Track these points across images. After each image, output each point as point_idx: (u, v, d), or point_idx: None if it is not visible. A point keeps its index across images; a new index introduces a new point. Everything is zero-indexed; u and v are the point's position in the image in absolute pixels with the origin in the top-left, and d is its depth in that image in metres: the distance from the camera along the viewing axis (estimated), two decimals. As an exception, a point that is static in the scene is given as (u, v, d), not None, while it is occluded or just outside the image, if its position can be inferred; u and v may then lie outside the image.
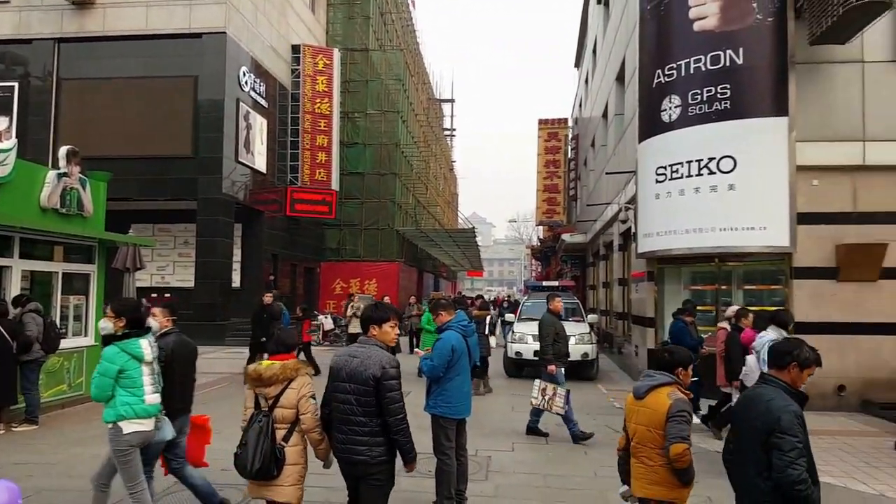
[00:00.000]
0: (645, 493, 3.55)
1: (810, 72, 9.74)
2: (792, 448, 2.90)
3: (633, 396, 3.69)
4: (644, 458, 3.55)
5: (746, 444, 3.09)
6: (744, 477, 3.11)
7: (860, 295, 9.54)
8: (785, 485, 2.89)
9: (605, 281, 19.64)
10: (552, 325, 8.15)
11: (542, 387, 7.78)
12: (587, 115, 25.02)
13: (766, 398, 3.07)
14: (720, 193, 9.93)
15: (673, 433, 3.38)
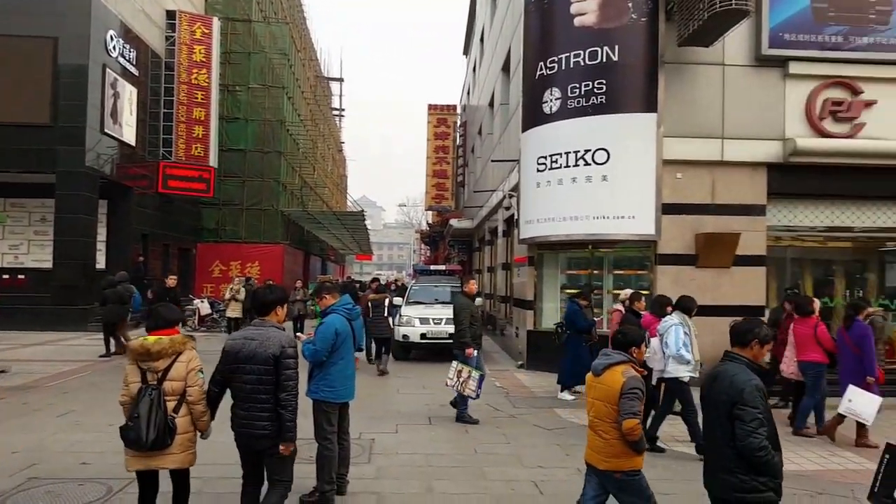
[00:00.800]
0: (605, 465, 3.83)
1: (678, 71, 10.48)
2: (753, 419, 3.17)
3: (592, 374, 3.99)
4: (601, 433, 3.85)
5: (714, 416, 3.37)
6: (713, 445, 3.39)
7: (716, 280, 10.43)
8: (747, 452, 3.16)
9: (489, 265, 20.18)
10: (468, 308, 8.16)
11: (458, 369, 7.83)
12: (475, 103, 25.44)
13: (731, 374, 3.34)
14: (595, 184, 10.48)
15: (625, 409, 3.68)
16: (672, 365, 6.65)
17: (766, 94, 10.44)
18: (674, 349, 6.59)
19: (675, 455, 6.66)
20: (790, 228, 10.90)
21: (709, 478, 3.47)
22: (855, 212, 10.86)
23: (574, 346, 9.30)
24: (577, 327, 9.32)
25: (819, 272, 11.77)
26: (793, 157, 10.24)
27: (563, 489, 5.44)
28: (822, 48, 10.20)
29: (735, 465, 3.25)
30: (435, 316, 13.04)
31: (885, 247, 11.37)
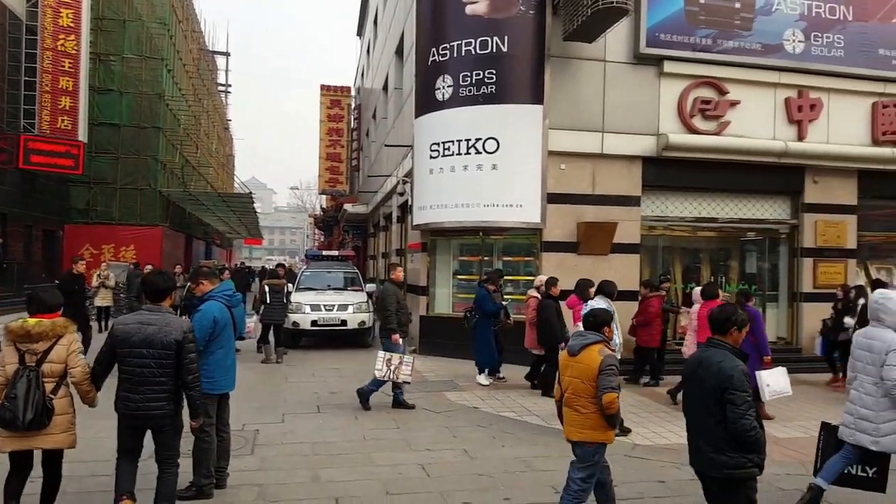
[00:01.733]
0: (579, 437, 4.13)
1: (562, 65, 10.87)
2: (743, 402, 3.39)
3: (567, 353, 4.22)
4: (578, 407, 4.12)
5: (701, 400, 3.57)
6: (704, 425, 3.56)
7: (596, 266, 10.95)
8: (738, 433, 3.39)
9: (384, 251, 20.11)
10: (394, 295, 8.08)
11: (386, 357, 7.71)
12: (369, 86, 25.12)
13: (717, 360, 3.53)
14: (485, 172, 10.70)
15: (604, 384, 3.97)
16: None
17: (642, 91, 11.08)
18: None
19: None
20: (662, 218, 11.68)
21: (697, 457, 3.65)
22: (720, 204, 11.81)
23: (483, 330, 9.42)
24: (485, 311, 9.44)
25: (688, 259, 12.72)
26: (665, 152, 10.96)
27: (449, 471, 5.56)
28: (694, 49, 10.96)
29: (725, 445, 3.45)
30: (327, 302, 12.81)
31: (745, 236, 12.48)
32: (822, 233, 11.67)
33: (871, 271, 12.56)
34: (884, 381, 4.53)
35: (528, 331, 9.18)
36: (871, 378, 4.66)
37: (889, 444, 4.57)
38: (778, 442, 6.83)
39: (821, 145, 11.40)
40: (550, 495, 5.03)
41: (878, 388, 4.61)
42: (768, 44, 11.17)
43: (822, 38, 11.34)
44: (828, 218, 11.73)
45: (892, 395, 4.51)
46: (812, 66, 11.30)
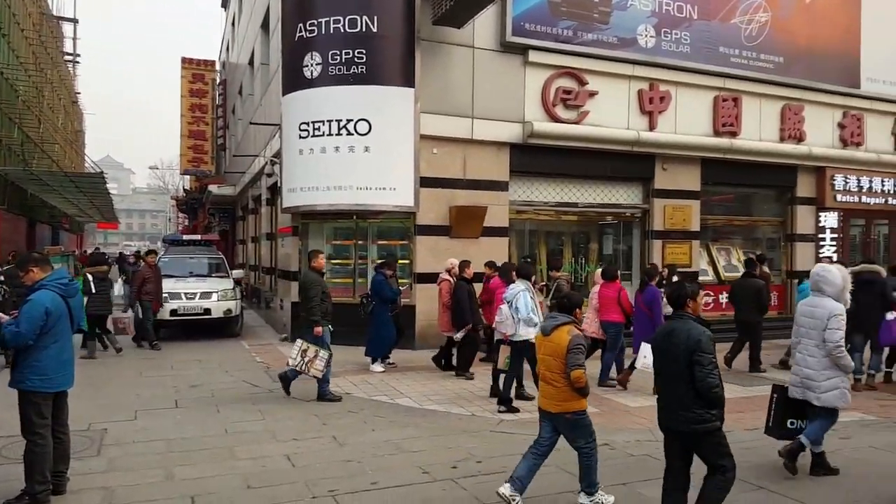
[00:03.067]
0: (557, 409, 4.50)
1: (433, 49, 10.90)
2: (709, 363, 3.86)
3: (541, 334, 4.65)
4: (552, 382, 4.50)
5: (673, 365, 3.98)
6: (674, 389, 3.99)
7: (467, 249, 11.14)
8: (704, 390, 3.85)
9: (253, 235, 19.29)
10: (318, 284, 7.71)
11: (303, 348, 7.38)
12: (235, 61, 23.84)
13: (686, 328, 3.98)
14: (357, 154, 10.51)
15: (572, 362, 4.34)
16: (522, 328, 7.14)
17: (509, 79, 11.40)
18: (524, 313, 7.10)
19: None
20: (529, 203, 12.15)
21: (667, 415, 4.08)
22: (581, 189, 12.47)
23: (380, 316, 9.28)
24: (383, 297, 9.30)
25: (552, 242, 13.36)
26: (531, 139, 11.36)
27: (316, 459, 5.44)
28: (556, 40, 11.42)
29: (692, 403, 3.91)
30: (188, 290, 12.07)
31: (604, 220, 13.30)
32: (669, 216, 12.70)
33: (713, 251, 13.88)
34: (826, 342, 5.16)
35: (441, 314, 9.24)
36: (813, 342, 5.29)
37: (829, 399, 5.19)
38: (630, 411, 7.37)
39: (669, 135, 12.36)
40: (418, 475, 5.09)
41: (819, 350, 5.23)
42: (624, 38, 11.89)
43: (671, 34, 12.25)
44: (675, 203, 12.78)
45: (834, 355, 5.14)
46: (662, 60, 12.18)
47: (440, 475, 5.10)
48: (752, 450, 5.72)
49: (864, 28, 14.13)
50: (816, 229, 14.09)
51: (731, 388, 7.93)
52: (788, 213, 14.15)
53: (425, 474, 5.13)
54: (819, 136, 13.79)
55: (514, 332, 7.24)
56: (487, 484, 4.92)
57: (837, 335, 5.13)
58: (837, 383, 5.20)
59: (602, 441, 6.16)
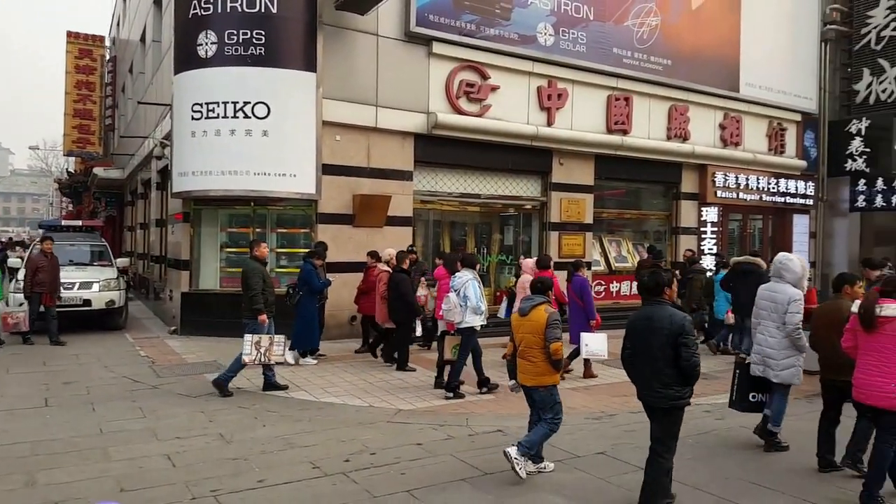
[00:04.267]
0: (533, 382, 5.01)
1: (336, 34, 10.66)
2: (693, 344, 4.28)
3: (518, 314, 5.12)
4: (530, 358, 4.98)
5: (654, 347, 4.30)
6: (655, 367, 4.31)
7: (371, 238, 11.05)
8: (689, 368, 4.22)
9: (142, 222, 18.18)
10: (259, 273, 7.47)
11: (254, 340, 7.06)
12: (126, 37, 22.31)
13: (667, 313, 4.32)
14: (255, 138, 10.13)
15: (551, 336, 4.85)
16: (469, 316, 7.28)
17: (413, 69, 11.35)
18: (474, 301, 7.27)
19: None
20: (433, 193, 12.19)
21: (646, 392, 4.43)
22: (483, 181, 12.64)
23: (307, 307, 8.97)
24: (312, 288, 8.99)
25: (456, 232, 13.49)
26: (435, 130, 11.39)
27: (200, 458, 5.21)
28: (460, 33, 11.47)
29: (672, 381, 4.28)
30: (66, 280, 11.17)
31: (506, 212, 13.57)
32: (565, 209, 13.16)
33: (605, 243, 14.52)
34: (786, 325, 5.64)
35: (378, 305, 9.10)
36: (773, 324, 5.79)
37: (786, 376, 5.71)
38: (524, 397, 7.58)
39: (566, 131, 12.77)
40: (308, 471, 4.99)
41: (779, 331, 5.72)
42: (524, 34, 12.13)
43: (568, 33, 12.62)
44: (570, 196, 13.24)
45: (793, 337, 5.62)
46: (560, 58, 12.53)
47: (331, 469, 5.03)
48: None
49: (744, 36, 15.19)
50: (699, 223, 15.08)
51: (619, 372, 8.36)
52: (674, 207, 15.04)
53: (316, 469, 5.04)
54: (702, 136, 14.72)
55: (461, 320, 7.34)
56: (379, 476, 4.91)
57: (796, 318, 5.63)
58: (794, 362, 5.73)
59: (496, 427, 6.34)
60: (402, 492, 4.63)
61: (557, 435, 5.38)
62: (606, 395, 7.86)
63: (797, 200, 16.54)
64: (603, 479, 5.01)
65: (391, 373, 8.58)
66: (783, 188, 16.14)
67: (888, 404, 4.52)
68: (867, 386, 4.61)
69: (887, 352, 4.52)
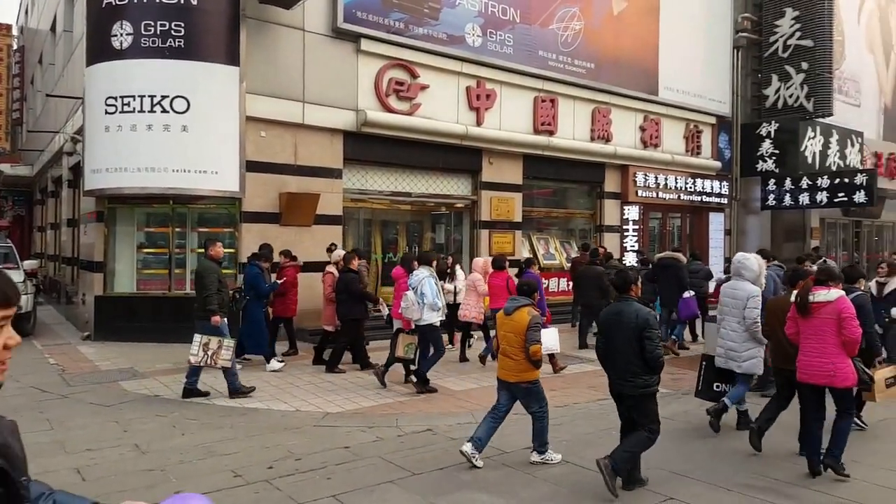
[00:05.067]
0: (515, 378, 5.22)
1: (261, 28, 10.38)
2: (656, 337, 4.66)
3: (503, 314, 5.30)
4: (512, 356, 5.19)
5: (623, 340, 4.69)
6: (624, 359, 4.70)
7: (299, 237, 10.84)
8: (653, 359, 4.61)
9: (53, 221, 17.15)
10: (214, 273, 7.28)
11: (203, 341, 6.78)
12: (35, 26, 20.97)
13: (635, 308, 4.73)
14: (174, 134, 9.73)
15: (531, 338, 5.05)
16: (427, 313, 7.42)
17: (342, 66, 11.20)
18: (431, 298, 7.40)
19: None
20: (363, 191, 12.08)
21: (619, 382, 4.79)
22: (414, 179, 12.64)
23: (255, 312, 8.63)
24: (259, 292, 8.65)
25: (387, 231, 13.43)
26: (364, 127, 11.28)
27: (112, 471, 4.95)
28: (389, 31, 11.41)
29: (641, 371, 4.65)
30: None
31: (437, 210, 13.61)
32: (495, 208, 13.33)
33: (534, 241, 14.80)
34: (746, 319, 6.05)
35: (325, 307, 8.99)
36: (735, 319, 6.20)
37: (748, 366, 6.18)
38: (454, 395, 7.62)
39: (495, 131, 12.94)
40: (228, 479, 4.83)
41: (740, 326, 6.15)
42: (453, 35, 12.20)
43: (496, 35, 12.79)
44: (500, 195, 13.43)
45: (752, 330, 6.04)
46: (488, 59, 12.68)
47: (254, 477, 4.88)
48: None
49: (662, 42, 15.83)
50: (621, 221, 15.61)
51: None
52: (598, 206, 15.51)
53: (238, 478, 4.88)
54: (624, 138, 15.25)
55: (419, 317, 7.44)
56: (304, 482, 4.81)
57: (755, 313, 6.03)
58: (755, 353, 6.15)
59: (424, 427, 6.33)
60: (327, 497, 4.55)
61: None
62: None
63: (713, 199, 17.39)
64: (529, 474, 5.10)
65: (324, 376, 8.43)
66: (699, 188, 16.93)
67: (829, 382, 4.95)
68: (808, 367, 5.05)
69: (824, 335, 4.93)
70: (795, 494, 4.79)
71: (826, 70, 17.21)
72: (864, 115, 21.29)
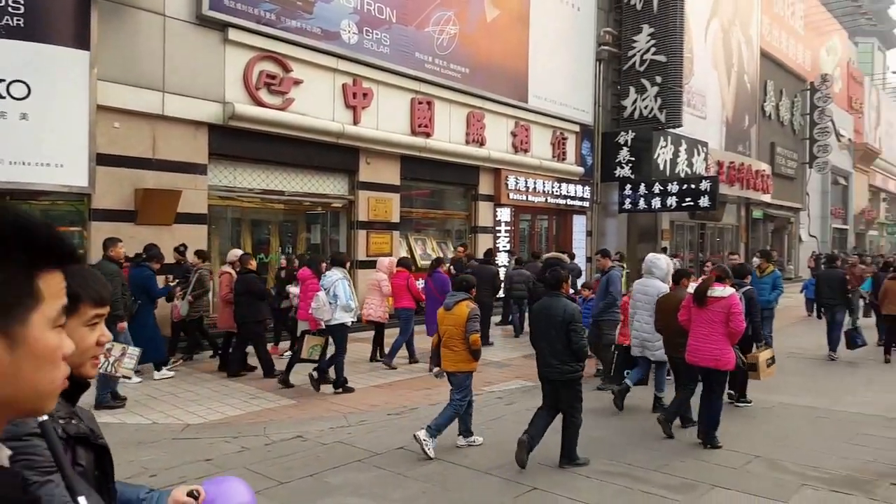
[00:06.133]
0: (454, 368, 5.70)
1: (115, 11, 9.58)
2: (581, 330, 5.33)
3: (443, 309, 5.78)
4: (453, 347, 5.67)
5: (551, 332, 5.30)
6: (553, 348, 5.30)
7: (158, 236, 10.06)
8: (579, 350, 5.28)
9: None
10: (118, 275, 7.07)
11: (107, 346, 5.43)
12: None
13: (563, 304, 5.35)
14: (11, 122, 8.70)
15: (471, 328, 5.56)
16: (339, 313, 7.58)
17: (207, 55, 10.60)
18: (344, 299, 7.57)
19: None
20: (231, 189, 11.51)
21: (547, 369, 5.40)
22: (287, 177, 12.23)
23: (146, 317, 8.01)
24: (152, 295, 8.09)
25: (259, 231, 12.91)
26: (232, 121, 10.75)
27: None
28: (258, 22, 10.94)
29: (567, 359, 5.27)
30: None
31: (313, 210, 13.28)
32: (373, 208, 13.25)
33: (411, 241, 14.90)
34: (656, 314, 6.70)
35: (220, 309, 8.79)
36: (647, 312, 6.93)
37: (661, 355, 6.89)
38: (327, 398, 7.48)
39: (372, 130, 12.85)
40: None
41: (651, 318, 6.80)
42: (328, 30, 11.95)
43: (372, 33, 12.70)
44: (377, 195, 13.37)
45: None
46: (364, 58, 12.55)
47: (102, 497, 4.48)
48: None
49: (532, 51, 16.53)
50: (494, 222, 16.13)
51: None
52: (472, 207, 15.91)
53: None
54: (497, 142, 15.76)
55: (330, 317, 7.47)
56: (160, 499, 4.48)
57: None
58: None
59: (294, 433, 6.16)
60: (186, 513, 4.27)
61: (358, 435, 5.40)
62: (407, 389, 8.06)
63: (576, 203, 18.43)
64: (401, 475, 5.11)
65: (205, 385, 7.95)
66: (565, 192, 17.88)
67: (714, 365, 5.81)
68: (697, 350, 5.88)
69: (714, 325, 5.77)
70: (646, 478, 5.18)
71: (677, 84, 18.83)
72: (709, 128, 23.54)
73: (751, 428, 6.63)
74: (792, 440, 6.21)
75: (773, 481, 5.10)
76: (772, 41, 29.14)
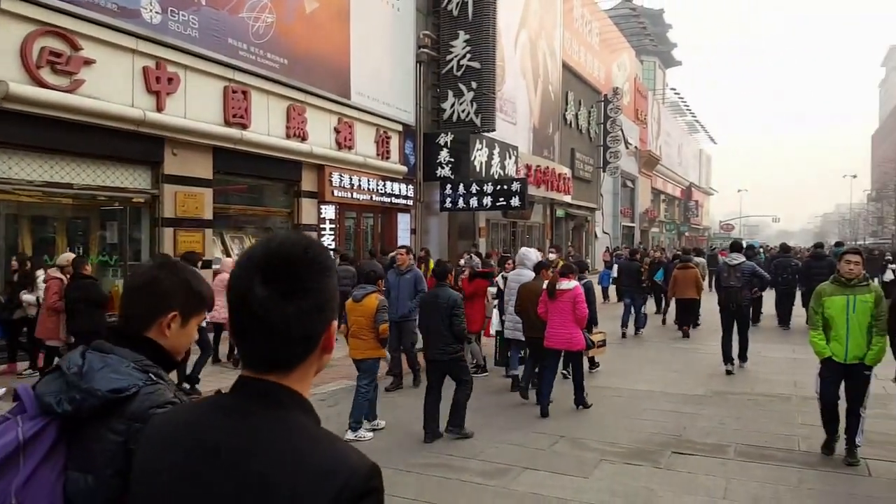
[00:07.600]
0: (363, 355, 6.38)
1: None
2: (462, 314, 6.21)
3: (352, 301, 6.37)
4: (361, 336, 6.35)
5: (437, 316, 6.17)
6: (439, 331, 6.15)
7: None
8: (459, 332, 6.19)
9: None
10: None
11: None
12: None
13: (448, 293, 6.31)
14: None
15: (380, 319, 6.23)
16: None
17: (-28, 24, 9.04)
18: None
19: None
20: (6, 181, 9.93)
21: (434, 350, 6.23)
22: (75, 168, 10.83)
23: None
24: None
25: (42, 230, 11.34)
26: (6, 103, 9.25)
27: None
28: (39, -9, 9.57)
29: (451, 342, 6.13)
30: None
31: (108, 205, 11.90)
32: (181, 203, 12.23)
33: (227, 240, 14.03)
34: None
35: (44, 319, 8.10)
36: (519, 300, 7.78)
37: (520, 335, 7.91)
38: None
39: (179, 119, 11.81)
40: None
41: None
42: (126, 7, 10.75)
43: (178, 14, 11.68)
44: (187, 189, 12.37)
45: None
46: (169, 40, 11.48)
47: None
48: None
49: (353, 48, 16.40)
50: (319, 220, 15.78)
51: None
52: (295, 204, 15.42)
53: None
54: (320, 137, 15.43)
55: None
56: None
57: None
58: None
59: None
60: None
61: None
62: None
63: (400, 201, 18.70)
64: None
65: None
66: (389, 190, 18.05)
67: (567, 346, 7.08)
68: (553, 336, 7.08)
69: (564, 313, 6.97)
70: (463, 466, 5.38)
71: (491, 90, 19.89)
72: (519, 133, 25.21)
73: (556, 409, 7.21)
74: (592, 419, 6.87)
75: (577, 459, 5.59)
76: (572, 55, 32.02)
